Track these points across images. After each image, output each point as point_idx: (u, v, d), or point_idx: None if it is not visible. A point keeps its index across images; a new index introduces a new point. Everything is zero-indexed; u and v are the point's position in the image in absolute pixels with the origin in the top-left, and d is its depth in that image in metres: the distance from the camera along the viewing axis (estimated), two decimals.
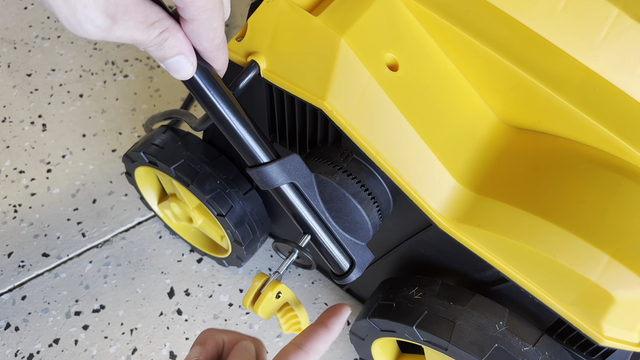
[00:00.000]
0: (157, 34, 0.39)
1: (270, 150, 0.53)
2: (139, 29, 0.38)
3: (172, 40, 0.40)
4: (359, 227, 0.58)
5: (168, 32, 0.39)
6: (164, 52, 0.41)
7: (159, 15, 0.39)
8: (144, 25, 0.38)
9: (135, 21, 0.37)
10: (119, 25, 0.36)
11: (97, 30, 0.36)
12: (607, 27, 0.55)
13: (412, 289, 0.64)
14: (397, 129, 0.56)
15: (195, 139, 0.80)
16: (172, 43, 0.40)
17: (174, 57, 0.41)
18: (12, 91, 1.13)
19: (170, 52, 0.41)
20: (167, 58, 0.41)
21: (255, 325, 0.89)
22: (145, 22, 0.38)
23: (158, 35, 0.39)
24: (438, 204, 0.58)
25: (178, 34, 0.40)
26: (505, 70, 0.59)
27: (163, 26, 0.39)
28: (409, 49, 0.59)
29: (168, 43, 0.40)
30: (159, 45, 0.40)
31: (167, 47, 0.40)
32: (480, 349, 0.58)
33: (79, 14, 0.34)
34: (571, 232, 0.53)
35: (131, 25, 0.37)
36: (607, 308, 0.53)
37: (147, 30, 0.38)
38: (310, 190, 0.56)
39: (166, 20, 0.39)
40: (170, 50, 0.41)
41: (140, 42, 0.39)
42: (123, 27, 0.36)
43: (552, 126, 0.60)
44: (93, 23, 0.35)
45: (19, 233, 0.97)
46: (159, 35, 0.39)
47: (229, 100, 0.49)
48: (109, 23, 0.36)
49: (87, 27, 0.35)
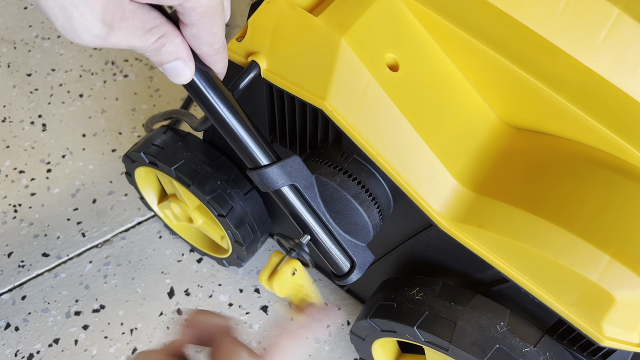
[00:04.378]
0: (155, 39, 0.38)
1: (270, 153, 0.53)
2: (136, 35, 0.37)
3: (170, 46, 0.40)
4: (360, 228, 0.58)
5: (166, 38, 0.39)
6: (161, 58, 0.40)
7: (157, 21, 0.38)
8: (141, 32, 0.37)
9: (132, 27, 0.36)
10: (116, 33, 0.36)
11: (94, 38, 0.35)
12: (608, 27, 0.55)
13: (412, 290, 0.64)
14: (397, 129, 0.56)
15: (195, 139, 0.80)
16: (170, 48, 0.40)
17: (171, 62, 0.41)
18: (12, 91, 1.13)
19: (167, 57, 0.40)
20: (165, 63, 0.41)
21: (255, 325, 0.89)
22: (142, 28, 0.37)
23: (155, 41, 0.38)
24: (438, 204, 0.58)
25: (176, 39, 0.40)
26: (505, 71, 0.59)
27: (161, 32, 0.39)
28: (409, 49, 0.59)
29: (165, 48, 0.40)
30: (157, 50, 0.39)
31: (165, 52, 0.40)
32: (482, 349, 0.58)
33: (75, 22, 0.34)
34: (572, 232, 0.53)
35: (128, 32, 0.36)
36: (608, 308, 0.53)
37: (144, 37, 0.38)
38: (311, 191, 0.56)
39: (164, 26, 0.39)
40: (167, 56, 0.40)
41: (138, 48, 0.38)
42: (120, 34, 0.36)
43: (552, 126, 0.60)
44: (90, 32, 0.35)
45: (19, 233, 0.97)
46: (157, 41, 0.39)
47: (229, 102, 0.49)
48: (106, 31, 0.35)
49: (83, 35, 0.35)
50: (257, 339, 0.88)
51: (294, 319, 0.47)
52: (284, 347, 0.45)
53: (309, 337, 0.46)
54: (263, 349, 0.45)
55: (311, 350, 0.87)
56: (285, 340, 0.45)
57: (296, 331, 0.46)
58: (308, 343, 0.88)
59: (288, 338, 0.45)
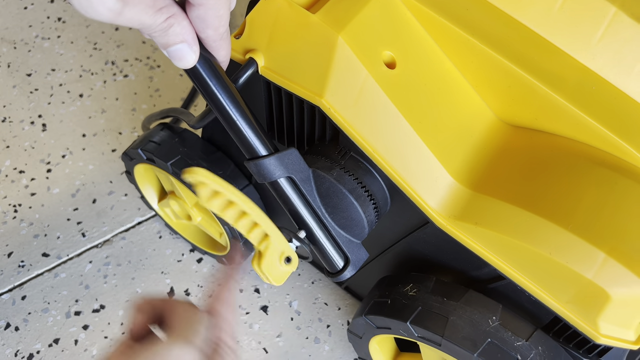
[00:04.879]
0: (164, 19, 0.40)
1: (268, 144, 0.54)
2: (147, 12, 0.39)
3: (177, 27, 0.41)
4: (355, 224, 0.59)
5: (174, 19, 0.41)
6: (167, 39, 0.42)
7: (166, 1, 0.40)
8: (152, 10, 0.39)
9: (144, 5, 0.38)
10: (129, 8, 0.37)
11: (108, 12, 0.37)
12: (605, 25, 0.55)
13: (406, 286, 0.64)
14: (394, 127, 0.57)
15: (192, 135, 0.81)
16: (177, 30, 0.41)
17: (177, 45, 0.42)
18: (12, 91, 1.13)
19: (174, 39, 0.42)
20: (171, 45, 0.42)
21: (255, 325, 0.89)
22: (154, 6, 0.39)
23: (164, 20, 0.40)
24: (435, 202, 0.58)
25: (184, 21, 0.42)
26: (502, 69, 0.59)
27: (170, 12, 0.40)
28: (406, 46, 0.59)
29: (173, 29, 0.41)
30: (164, 31, 0.41)
31: (172, 33, 0.41)
32: (473, 343, 0.58)
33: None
34: (568, 230, 0.54)
35: (140, 9, 0.38)
36: (604, 306, 0.53)
37: (154, 15, 0.39)
38: (307, 185, 0.56)
39: (173, 7, 0.41)
40: (174, 37, 0.42)
41: (147, 26, 0.40)
42: (133, 10, 0.38)
43: (549, 124, 0.60)
44: (105, 5, 0.36)
45: (19, 233, 0.97)
46: (165, 21, 0.40)
47: (230, 92, 0.50)
48: (120, 5, 0.37)
49: (99, 8, 0.36)
50: (257, 339, 0.88)
51: (221, 269, 0.49)
52: (225, 296, 0.48)
53: (239, 281, 0.49)
54: (209, 297, 0.47)
55: (311, 351, 0.87)
56: (224, 290, 0.48)
57: (229, 279, 0.48)
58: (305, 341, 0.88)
59: (225, 287, 0.48)
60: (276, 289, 0.93)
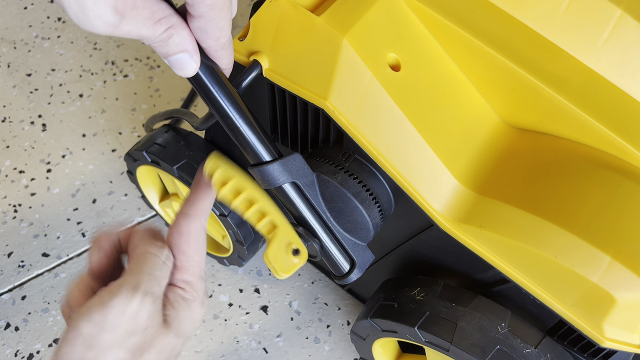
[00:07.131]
0: (163, 30, 0.39)
1: (272, 149, 0.53)
2: (146, 25, 0.38)
3: (177, 38, 0.41)
4: (360, 228, 0.58)
5: (173, 29, 0.40)
6: (168, 49, 0.41)
7: (166, 12, 0.39)
8: (151, 22, 0.38)
9: (142, 17, 0.38)
10: (127, 21, 0.37)
11: (106, 26, 0.36)
12: (610, 28, 0.55)
13: (413, 290, 0.64)
14: (399, 129, 0.56)
15: (197, 138, 0.80)
16: (177, 40, 0.41)
17: (177, 54, 0.42)
18: (12, 91, 1.13)
19: (174, 49, 0.41)
20: (171, 55, 0.42)
21: (255, 325, 0.89)
22: (152, 18, 0.38)
23: (164, 31, 0.39)
24: (440, 205, 0.58)
25: (183, 31, 0.41)
26: (507, 71, 0.59)
27: (169, 23, 0.40)
28: (411, 49, 0.59)
29: (173, 40, 0.41)
30: (164, 41, 0.40)
31: (172, 43, 0.41)
32: (482, 350, 0.58)
33: (88, 9, 0.35)
34: (572, 233, 0.53)
35: (138, 21, 0.37)
36: (609, 309, 0.53)
37: (153, 27, 0.39)
38: (312, 189, 0.56)
39: (172, 17, 0.40)
40: (174, 47, 0.41)
41: (146, 38, 0.39)
42: (131, 22, 0.37)
43: (554, 127, 0.60)
44: (102, 19, 0.36)
45: (19, 233, 0.97)
46: (165, 32, 0.40)
47: (233, 98, 0.49)
48: (118, 19, 0.36)
49: (95, 22, 0.36)
50: (257, 339, 0.88)
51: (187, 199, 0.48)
52: (190, 229, 0.46)
53: (206, 211, 0.48)
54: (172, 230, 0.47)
55: (311, 351, 0.87)
56: (190, 221, 0.47)
57: (196, 208, 0.47)
58: (305, 341, 0.88)
59: (190, 218, 0.47)
60: (276, 289, 0.93)
